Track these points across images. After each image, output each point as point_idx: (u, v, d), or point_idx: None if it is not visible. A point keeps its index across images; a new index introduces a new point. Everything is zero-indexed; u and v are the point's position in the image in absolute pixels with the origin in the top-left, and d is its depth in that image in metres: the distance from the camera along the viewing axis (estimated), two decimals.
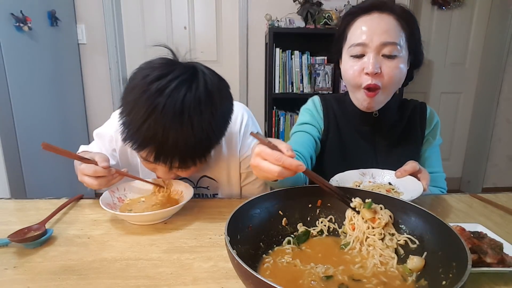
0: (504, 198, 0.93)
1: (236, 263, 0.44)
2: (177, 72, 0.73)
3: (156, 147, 0.72)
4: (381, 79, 0.91)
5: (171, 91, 0.70)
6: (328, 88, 2.62)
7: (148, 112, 0.69)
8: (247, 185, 1.02)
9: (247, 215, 0.60)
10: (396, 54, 0.90)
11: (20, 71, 2.03)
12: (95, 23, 2.71)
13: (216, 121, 0.75)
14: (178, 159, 0.74)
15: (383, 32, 0.89)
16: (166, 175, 0.84)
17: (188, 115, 0.70)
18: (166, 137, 0.70)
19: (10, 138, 1.96)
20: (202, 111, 0.72)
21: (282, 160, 0.58)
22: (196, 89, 0.72)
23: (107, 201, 0.80)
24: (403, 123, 1.05)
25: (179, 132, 0.70)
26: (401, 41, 0.90)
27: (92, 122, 2.91)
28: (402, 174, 0.85)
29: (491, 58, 3.05)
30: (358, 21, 0.93)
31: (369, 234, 0.60)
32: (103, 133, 1.00)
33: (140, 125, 0.70)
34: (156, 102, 0.69)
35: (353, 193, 0.66)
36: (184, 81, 0.72)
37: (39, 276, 0.58)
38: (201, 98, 0.72)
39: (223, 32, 2.86)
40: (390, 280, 0.53)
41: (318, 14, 2.57)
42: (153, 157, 0.75)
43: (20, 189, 2.04)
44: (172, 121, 0.69)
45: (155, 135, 0.70)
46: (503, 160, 3.27)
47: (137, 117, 0.71)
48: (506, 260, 0.56)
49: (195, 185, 1.01)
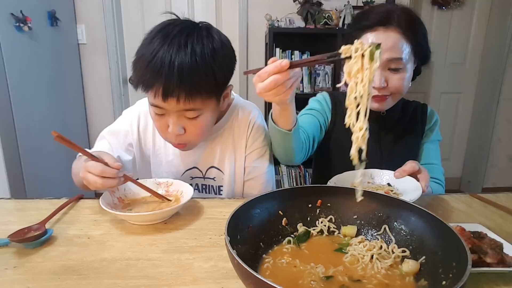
0: (504, 198, 0.93)
1: (236, 263, 0.44)
2: (180, 21, 0.85)
3: (164, 80, 0.77)
4: (388, 90, 0.96)
5: (176, 32, 0.80)
6: (328, 88, 2.62)
7: (157, 49, 0.77)
8: (249, 180, 1.03)
9: (247, 215, 0.60)
10: (401, 67, 0.94)
11: (20, 71, 2.03)
12: (95, 23, 2.71)
13: (217, 55, 0.82)
14: (184, 90, 0.78)
15: (388, 49, 0.91)
16: (176, 128, 0.84)
17: (191, 46, 0.78)
18: (173, 67, 0.76)
19: (10, 138, 1.96)
20: (204, 44, 0.80)
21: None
22: (198, 30, 0.83)
23: (107, 201, 0.80)
24: (405, 119, 1.11)
25: (183, 60, 0.77)
26: (407, 54, 0.93)
27: (92, 122, 2.91)
28: (401, 174, 0.86)
29: (491, 58, 3.05)
30: (364, 37, 0.95)
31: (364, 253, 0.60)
32: (117, 129, 1.00)
33: (150, 60, 0.77)
34: (161, 43, 0.78)
35: (351, 191, 0.66)
36: (187, 27, 0.82)
37: (39, 276, 0.57)
38: (203, 34, 0.82)
39: (223, 32, 2.85)
40: (390, 281, 0.53)
41: (318, 14, 2.57)
42: (161, 94, 0.78)
43: (20, 189, 2.04)
44: (177, 51, 0.77)
45: (162, 66, 0.76)
46: (503, 160, 3.27)
47: (148, 53, 0.78)
48: (506, 260, 0.56)
49: (203, 175, 1.03)
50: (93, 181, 0.73)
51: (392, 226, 0.63)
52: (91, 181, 0.73)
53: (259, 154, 1.01)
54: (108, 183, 0.74)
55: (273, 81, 0.66)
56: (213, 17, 2.84)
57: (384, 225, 0.63)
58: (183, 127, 0.85)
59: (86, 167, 0.74)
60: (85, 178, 0.75)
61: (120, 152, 0.97)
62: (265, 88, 0.68)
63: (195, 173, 1.03)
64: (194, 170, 1.02)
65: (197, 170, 1.02)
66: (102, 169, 0.73)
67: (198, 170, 1.02)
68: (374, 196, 0.65)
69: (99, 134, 1.00)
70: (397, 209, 0.62)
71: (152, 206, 0.83)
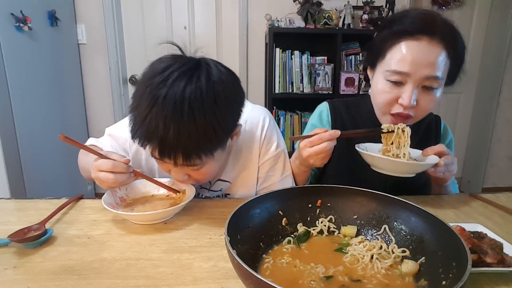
0: (504, 198, 0.93)
1: (236, 263, 0.44)
2: (179, 63, 0.72)
3: (158, 141, 0.70)
4: (415, 111, 0.86)
5: (172, 82, 0.68)
6: (328, 88, 2.62)
7: (150, 105, 0.68)
8: (264, 189, 0.99)
9: (247, 215, 0.60)
10: (436, 87, 0.84)
11: (20, 71, 2.03)
12: (95, 23, 2.71)
13: (221, 112, 0.71)
14: (181, 152, 0.71)
15: (429, 65, 0.81)
16: (179, 176, 0.81)
17: (188, 106, 0.67)
18: (168, 129, 0.68)
19: (10, 138, 1.96)
20: (204, 100, 0.69)
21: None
22: (197, 79, 0.70)
23: (109, 201, 0.80)
24: (420, 132, 1.01)
25: (180, 124, 0.68)
26: (445, 72, 0.84)
27: (92, 122, 2.91)
28: (428, 152, 0.85)
29: (491, 58, 3.05)
30: (403, 44, 0.83)
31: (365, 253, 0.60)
32: (117, 135, 0.96)
33: (143, 118, 0.69)
34: (158, 94, 0.68)
35: (356, 192, 0.67)
36: (185, 72, 0.70)
37: (39, 276, 0.57)
38: (202, 88, 0.69)
39: (223, 32, 2.87)
40: (390, 281, 0.53)
41: (318, 14, 2.57)
42: (157, 153, 0.73)
43: (20, 189, 2.04)
44: (173, 112, 0.67)
45: (157, 128, 0.68)
46: (503, 160, 3.27)
47: (141, 110, 0.70)
48: (506, 260, 0.56)
49: (209, 187, 0.98)
50: (105, 177, 0.73)
51: (392, 226, 0.63)
52: (103, 179, 0.73)
53: (272, 163, 0.97)
54: (120, 178, 0.74)
55: (327, 147, 0.79)
56: (213, 17, 2.84)
57: (384, 225, 0.63)
58: (187, 174, 0.81)
59: (96, 166, 0.74)
60: (97, 178, 0.75)
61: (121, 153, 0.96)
62: (316, 152, 0.80)
63: (204, 184, 0.98)
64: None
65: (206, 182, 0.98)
66: (113, 164, 0.73)
67: (208, 182, 0.97)
68: (374, 196, 0.66)
69: (105, 129, 0.98)
70: (397, 209, 0.62)
71: (154, 205, 0.83)
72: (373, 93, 0.93)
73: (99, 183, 0.76)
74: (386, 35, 0.87)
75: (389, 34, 0.86)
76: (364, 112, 1.02)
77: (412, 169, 0.83)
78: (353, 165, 0.98)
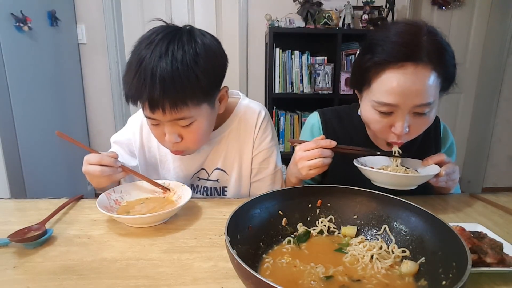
0: (504, 198, 0.93)
1: (236, 263, 0.44)
2: (164, 29, 0.80)
3: (147, 94, 0.75)
4: (408, 136, 0.84)
5: (157, 42, 0.76)
6: (328, 88, 2.62)
7: (138, 64, 0.75)
8: (256, 182, 1.02)
9: (247, 215, 0.60)
10: (428, 112, 0.80)
11: (20, 71, 2.03)
12: (95, 23, 2.71)
13: (203, 62, 0.78)
14: (168, 101, 0.75)
15: (418, 94, 0.76)
16: (172, 137, 0.83)
17: (172, 56, 0.75)
18: (154, 80, 0.74)
19: (10, 138, 1.96)
20: (186, 52, 0.76)
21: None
22: (179, 38, 0.78)
23: (104, 203, 0.79)
24: (418, 140, 0.95)
25: (164, 72, 0.74)
26: (436, 93, 0.79)
27: (92, 122, 2.91)
28: (428, 162, 0.86)
29: (491, 58, 3.05)
30: (389, 74, 0.77)
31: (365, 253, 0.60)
32: (120, 139, 1.02)
33: (133, 77, 0.76)
34: (144, 54, 0.75)
35: (356, 192, 0.67)
36: (169, 33, 0.78)
37: (39, 276, 0.57)
38: (184, 43, 0.77)
39: (223, 32, 2.86)
40: (390, 281, 0.53)
41: (318, 14, 2.57)
42: (148, 106, 0.77)
43: (20, 189, 2.04)
44: (158, 64, 0.74)
45: (144, 81, 0.75)
46: (503, 160, 3.27)
47: (130, 72, 0.77)
48: (506, 260, 0.56)
49: (208, 177, 1.02)
50: (93, 170, 0.78)
51: (392, 226, 0.63)
52: (91, 171, 0.79)
53: (266, 155, 1.00)
54: (107, 172, 0.80)
55: (319, 151, 0.82)
56: (213, 17, 2.84)
57: (384, 225, 0.63)
58: (179, 135, 0.84)
59: (86, 159, 0.80)
60: (87, 172, 0.80)
61: (125, 158, 0.99)
62: (308, 157, 0.82)
63: (203, 174, 1.02)
64: (202, 172, 1.02)
65: (204, 171, 1.02)
66: (101, 157, 0.79)
67: (205, 172, 1.02)
68: (374, 196, 0.65)
69: (110, 139, 1.04)
70: (397, 209, 0.62)
71: (149, 207, 0.82)
72: (363, 118, 0.90)
73: (89, 177, 0.81)
74: (369, 64, 0.80)
75: (373, 64, 0.79)
76: (356, 122, 0.98)
77: (414, 182, 0.82)
78: (350, 180, 0.89)
